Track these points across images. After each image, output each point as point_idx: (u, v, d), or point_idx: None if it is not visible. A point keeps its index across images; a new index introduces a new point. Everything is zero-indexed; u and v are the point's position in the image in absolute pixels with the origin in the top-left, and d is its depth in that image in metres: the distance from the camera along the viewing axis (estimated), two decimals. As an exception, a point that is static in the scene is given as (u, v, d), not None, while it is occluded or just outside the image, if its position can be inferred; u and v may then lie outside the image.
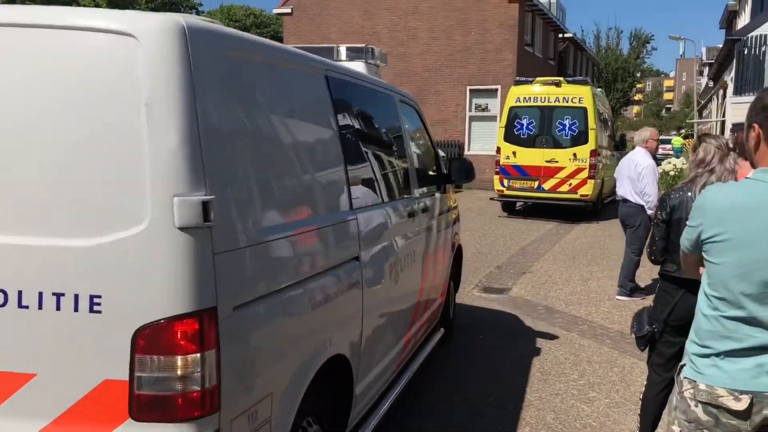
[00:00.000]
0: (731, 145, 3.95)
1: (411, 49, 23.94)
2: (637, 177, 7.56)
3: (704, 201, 2.19)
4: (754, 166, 2.16)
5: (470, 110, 23.43)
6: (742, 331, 2.06)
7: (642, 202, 7.62)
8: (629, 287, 7.85)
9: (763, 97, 2.12)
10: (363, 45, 4.61)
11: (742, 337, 2.06)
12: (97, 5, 10.74)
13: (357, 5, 24.47)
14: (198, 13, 48.45)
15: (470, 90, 23.30)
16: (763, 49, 18.05)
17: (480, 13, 22.88)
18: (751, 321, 2.04)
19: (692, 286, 3.53)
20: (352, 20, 24.60)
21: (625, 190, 7.82)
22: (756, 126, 2.11)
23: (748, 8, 25.81)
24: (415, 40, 23.87)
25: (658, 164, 11.51)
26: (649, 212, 7.53)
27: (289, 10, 25.51)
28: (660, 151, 17.82)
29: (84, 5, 11.09)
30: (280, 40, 32.57)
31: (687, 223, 2.29)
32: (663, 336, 3.77)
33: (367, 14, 24.41)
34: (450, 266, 5.71)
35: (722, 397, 2.08)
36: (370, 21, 24.39)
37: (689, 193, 3.73)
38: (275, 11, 26.85)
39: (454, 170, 5.43)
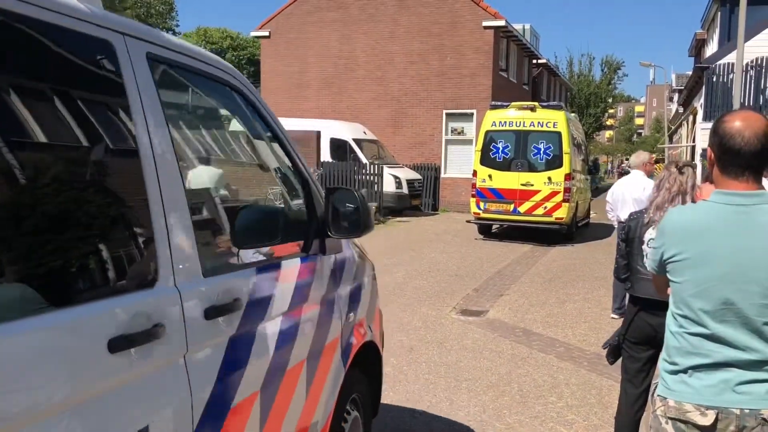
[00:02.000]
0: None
1: (388, 72, 24.16)
2: (646, 200, 7.55)
3: (665, 223, 2.27)
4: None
5: (446, 134, 23.64)
6: (705, 348, 2.12)
7: None
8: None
9: (716, 123, 2.22)
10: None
11: (706, 353, 2.12)
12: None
13: (335, 29, 24.68)
14: (175, 34, 48.47)
15: (446, 114, 23.54)
16: (730, 76, 18.50)
17: (456, 38, 23.20)
18: (712, 337, 2.11)
19: (645, 305, 3.68)
20: (330, 44, 24.79)
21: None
22: (709, 150, 2.22)
23: (715, 37, 26.51)
24: (392, 64, 24.10)
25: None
26: None
27: (266, 33, 25.62)
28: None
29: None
30: (258, 63, 32.63)
31: (652, 245, 2.36)
32: (625, 351, 3.91)
33: (345, 38, 24.61)
34: (337, 388, 3.11)
35: (690, 412, 2.13)
36: (348, 45, 24.59)
37: (644, 216, 3.85)
38: (253, 34, 26.96)
39: (332, 210, 2.90)
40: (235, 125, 3.45)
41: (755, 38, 19.19)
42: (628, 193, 7.81)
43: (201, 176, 3.24)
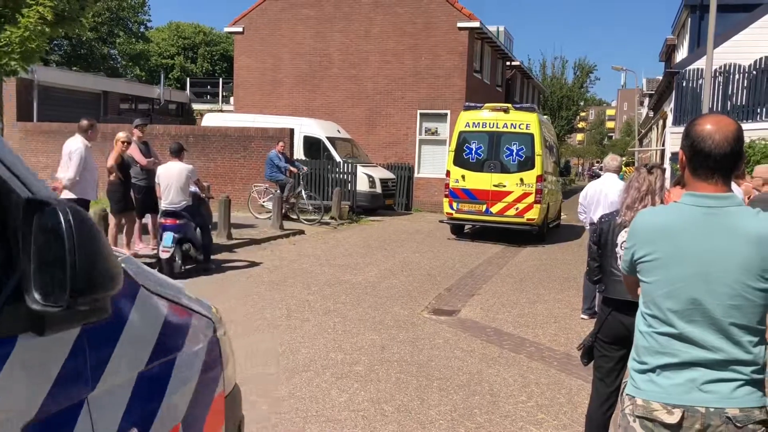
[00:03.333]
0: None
1: (363, 71, 24.13)
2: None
3: (636, 223, 2.30)
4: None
5: (420, 134, 23.69)
6: (673, 347, 2.15)
7: None
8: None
9: (688, 126, 2.26)
10: None
11: (674, 352, 2.15)
12: (43, 17, 10.42)
13: (309, 26, 24.57)
14: (146, 29, 47.79)
15: (421, 114, 23.58)
16: (700, 81, 18.83)
17: (430, 39, 23.26)
18: (680, 337, 2.14)
19: (619, 305, 3.73)
20: (304, 41, 24.67)
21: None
22: (681, 152, 2.26)
23: (686, 43, 26.95)
24: (367, 63, 24.07)
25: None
26: None
27: (240, 29, 25.40)
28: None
29: (29, 17, 10.73)
30: (231, 59, 32.33)
31: (624, 245, 2.39)
32: (598, 350, 3.97)
33: (319, 36, 24.52)
34: None
35: (657, 411, 2.16)
36: (322, 43, 24.51)
37: (617, 218, 3.90)
38: (226, 30, 26.68)
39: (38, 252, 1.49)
40: None
41: (724, 45, 19.56)
42: (609, 195, 7.78)
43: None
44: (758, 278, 2.09)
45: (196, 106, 34.97)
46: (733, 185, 6.94)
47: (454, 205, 15.24)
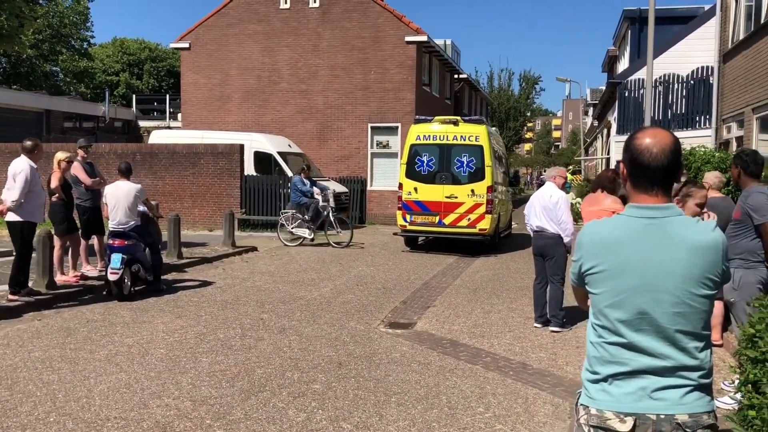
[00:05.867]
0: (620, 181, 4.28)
1: (312, 86, 24.12)
2: (553, 206, 8.04)
3: (581, 237, 2.35)
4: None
5: (372, 147, 23.76)
6: (623, 356, 2.19)
7: (559, 231, 8.02)
8: (561, 317, 8.10)
9: (628, 140, 2.33)
10: None
11: (624, 361, 2.19)
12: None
13: (257, 41, 24.46)
14: (89, 45, 46.76)
15: (371, 127, 23.67)
16: (641, 91, 19.42)
17: (379, 53, 23.41)
18: (629, 346, 2.19)
19: None
20: (252, 56, 24.54)
21: (540, 220, 8.18)
22: (622, 165, 2.33)
23: (627, 53, 27.77)
24: (317, 78, 24.08)
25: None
26: (566, 240, 7.97)
27: (186, 45, 25.11)
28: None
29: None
30: (178, 74, 31.88)
31: (572, 258, 2.44)
32: None
33: (267, 51, 24.43)
34: None
35: (610, 420, 2.19)
36: (271, 57, 24.42)
37: None
38: (172, 46, 26.33)
39: None
40: None
41: (663, 55, 20.24)
42: (537, 201, 8.28)
43: None
44: (700, 285, 2.16)
45: (142, 123, 34.36)
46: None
47: (408, 217, 15.31)
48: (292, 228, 16.26)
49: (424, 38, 23.19)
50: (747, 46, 13.90)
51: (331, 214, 16.17)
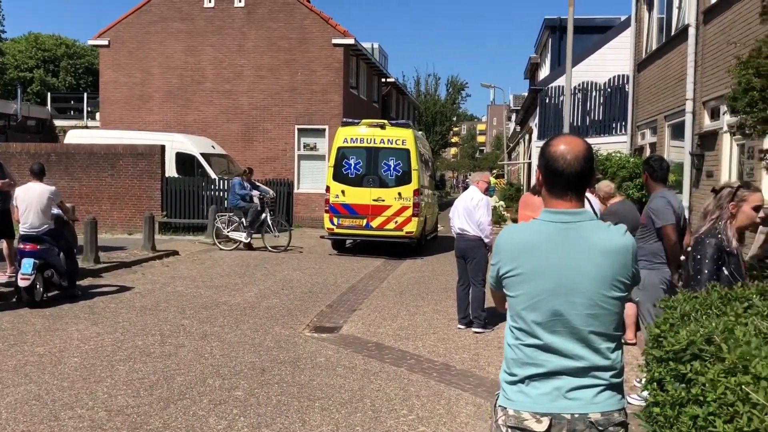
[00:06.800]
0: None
1: (237, 86, 23.73)
2: (473, 208, 8.21)
3: (499, 241, 2.39)
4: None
5: (299, 149, 23.58)
6: (539, 358, 2.24)
7: (480, 233, 8.17)
8: (483, 318, 8.21)
9: (543, 147, 2.39)
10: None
11: (540, 362, 2.24)
12: None
13: (179, 40, 23.87)
14: (0, 40, 44.52)
15: (298, 129, 23.48)
16: (561, 98, 20.04)
17: (306, 54, 23.27)
18: (545, 348, 2.23)
19: None
20: (174, 55, 23.94)
21: (462, 222, 8.33)
22: (537, 171, 2.39)
23: (548, 61, 28.64)
24: (242, 78, 23.71)
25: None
26: (487, 240, 8.14)
27: (105, 42, 24.24)
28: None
29: None
30: (96, 72, 30.72)
31: (490, 262, 2.48)
32: None
33: (190, 49, 23.88)
34: None
35: (527, 420, 2.23)
36: (194, 57, 23.89)
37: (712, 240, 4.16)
38: (90, 42, 25.38)
39: None
40: None
41: (582, 63, 20.96)
42: (460, 203, 8.51)
43: None
44: (612, 287, 2.23)
45: (58, 123, 32.95)
46: (593, 198, 7.51)
47: (335, 220, 15.26)
48: (229, 232, 15.90)
49: (351, 41, 23.20)
50: (659, 56, 14.57)
51: (269, 218, 15.93)
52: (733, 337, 2.56)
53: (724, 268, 3.97)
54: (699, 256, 4.06)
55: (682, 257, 5.71)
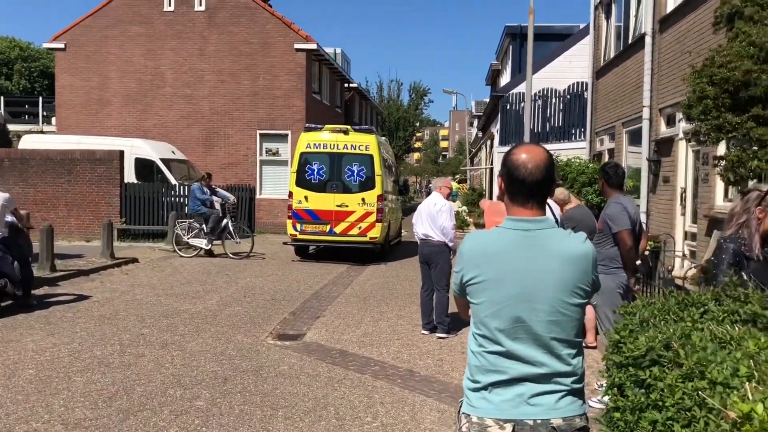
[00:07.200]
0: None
1: (198, 91, 23.46)
2: (436, 213, 8.28)
3: (462, 249, 2.40)
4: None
5: (261, 154, 23.40)
6: (502, 365, 2.26)
7: (444, 238, 8.24)
8: (447, 323, 8.24)
9: (505, 155, 2.42)
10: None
11: (503, 369, 2.25)
12: None
13: (138, 43, 23.50)
14: (-49, 41, 43.20)
15: (260, 134, 23.30)
16: (521, 105, 20.28)
17: (267, 59, 23.13)
18: (507, 354, 2.25)
19: None
20: (133, 59, 23.55)
21: (426, 227, 8.38)
22: (499, 179, 2.42)
23: (509, 68, 28.98)
24: (202, 83, 23.44)
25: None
26: (451, 245, 8.21)
27: (62, 45, 23.73)
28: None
29: None
30: (52, 76, 30.02)
31: (454, 269, 2.50)
32: None
33: (150, 53, 23.53)
34: None
35: (490, 427, 2.24)
36: (153, 61, 23.54)
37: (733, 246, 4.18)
38: (46, 45, 24.81)
39: None
40: None
41: (542, 70, 21.28)
42: (423, 209, 8.59)
43: None
44: (572, 294, 2.26)
45: (12, 127, 31.97)
46: (555, 205, 7.63)
47: (298, 226, 15.18)
48: (189, 238, 15.61)
49: (313, 46, 23.14)
50: (617, 64, 14.87)
51: (230, 224, 15.69)
52: (690, 343, 2.62)
53: (743, 272, 3.95)
54: (716, 261, 4.12)
55: (638, 261, 5.83)
